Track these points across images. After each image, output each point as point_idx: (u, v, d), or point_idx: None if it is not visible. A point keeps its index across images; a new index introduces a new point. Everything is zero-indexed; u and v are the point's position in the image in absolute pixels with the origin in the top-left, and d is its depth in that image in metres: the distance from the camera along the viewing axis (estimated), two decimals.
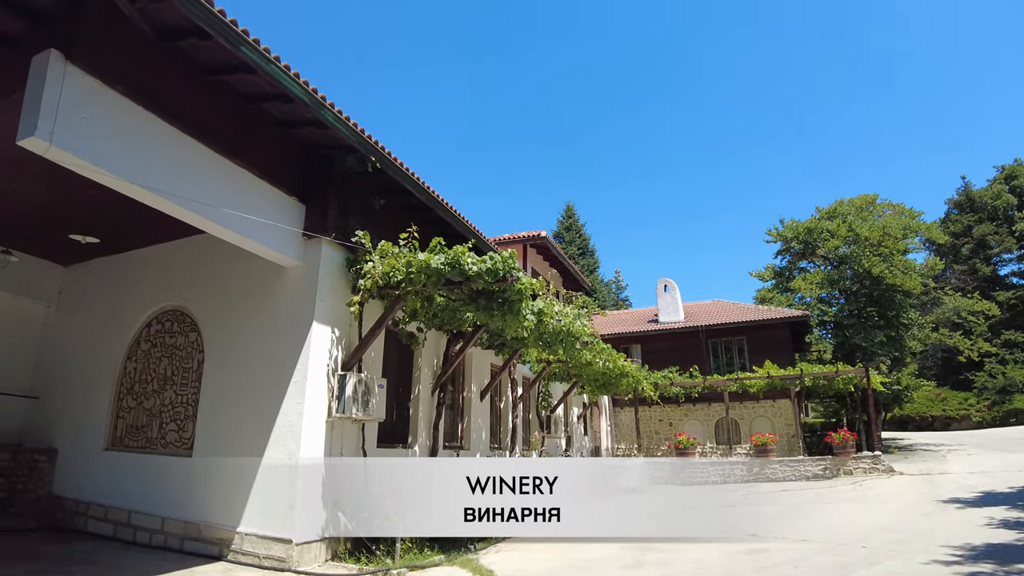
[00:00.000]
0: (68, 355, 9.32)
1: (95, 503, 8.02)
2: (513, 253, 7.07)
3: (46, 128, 4.65)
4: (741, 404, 21.94)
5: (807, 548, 7.21)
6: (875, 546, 7.12)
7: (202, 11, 4.94)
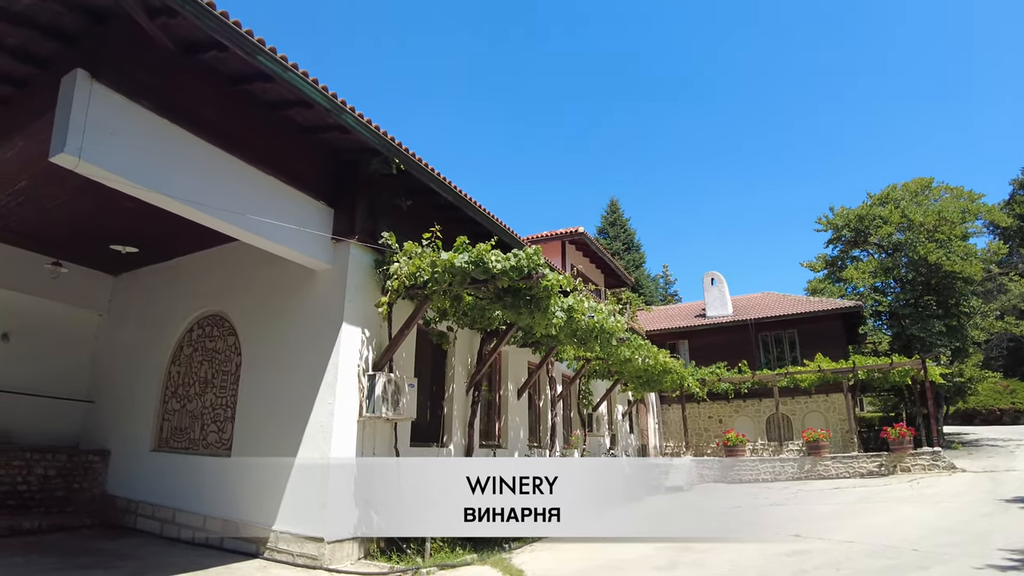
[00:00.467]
0: (119, 361, 9.74)
1: (144, 501, 8.36)
2: (538, 249, 7.00)
3: (75, 144, 4.86)
4: (793, 399, 21.27)
5: (852, 550, 6.91)
6: (927, 548, 6.76)
7: (217, 24, 5.06)
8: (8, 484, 8.08)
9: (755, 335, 22.98)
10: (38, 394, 9.17)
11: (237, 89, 6.28)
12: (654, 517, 11.26)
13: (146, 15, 5.05)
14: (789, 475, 16.41)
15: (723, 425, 21.74)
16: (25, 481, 8.26)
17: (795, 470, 16.42)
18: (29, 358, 9.20)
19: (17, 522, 7.69)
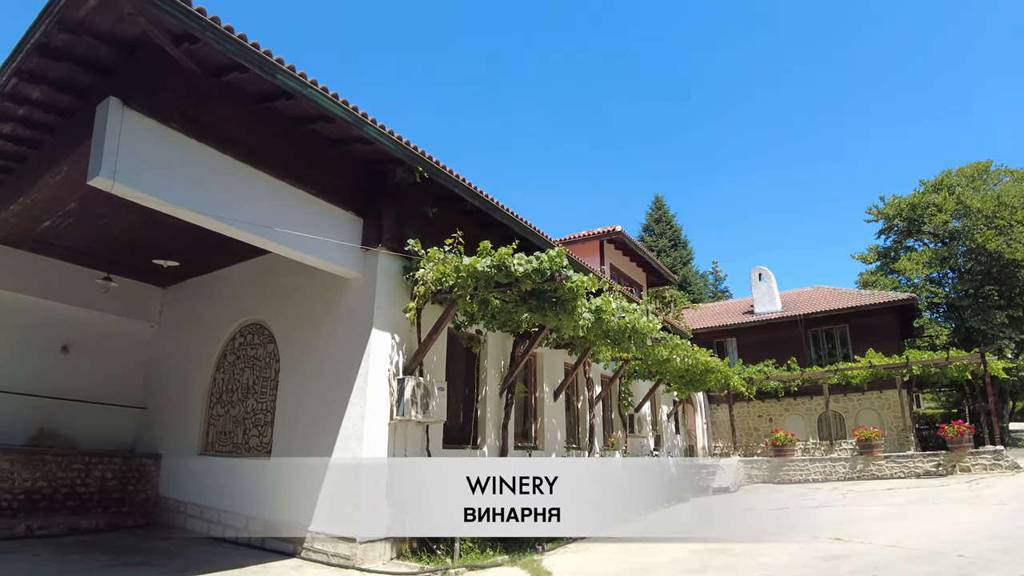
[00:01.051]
0: (168, 369, 10.24)
1: (192, 502, 8.76)
2: (561, 251, 7.03)
3: (109, 167, 5.17)
4: (845, 397, 20.54)
5: (894, 555, 6.65)
6: (973, 555, 6.45)
7: (236, 47, 5.29)
8: (68, 486, 8.61)
9: (805, 331, 22.29)
10: (95, 401, 9.73)
11: (262, 107, 6.53)
12: (693, 518, 11.11)
13: (171, 42, 5.33)
14: (840, 475, 15.88)
15: (773, 424, 21.16)
16: (84, 483, 8.78)
17: (846, 470, 15.87)
18: (87, 368, 9.77)
19: (76, 521, 8.19)
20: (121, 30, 5.21)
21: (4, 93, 5.77)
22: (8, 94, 5.80)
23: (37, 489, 8.27)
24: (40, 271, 8.96)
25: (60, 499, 8.47)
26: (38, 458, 8.39)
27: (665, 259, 40.27)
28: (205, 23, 5.06)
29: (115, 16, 4.98)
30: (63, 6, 4.74)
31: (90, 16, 4.95)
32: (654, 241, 42.19)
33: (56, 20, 4.89)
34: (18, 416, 8.82)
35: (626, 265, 19.34)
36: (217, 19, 5.17)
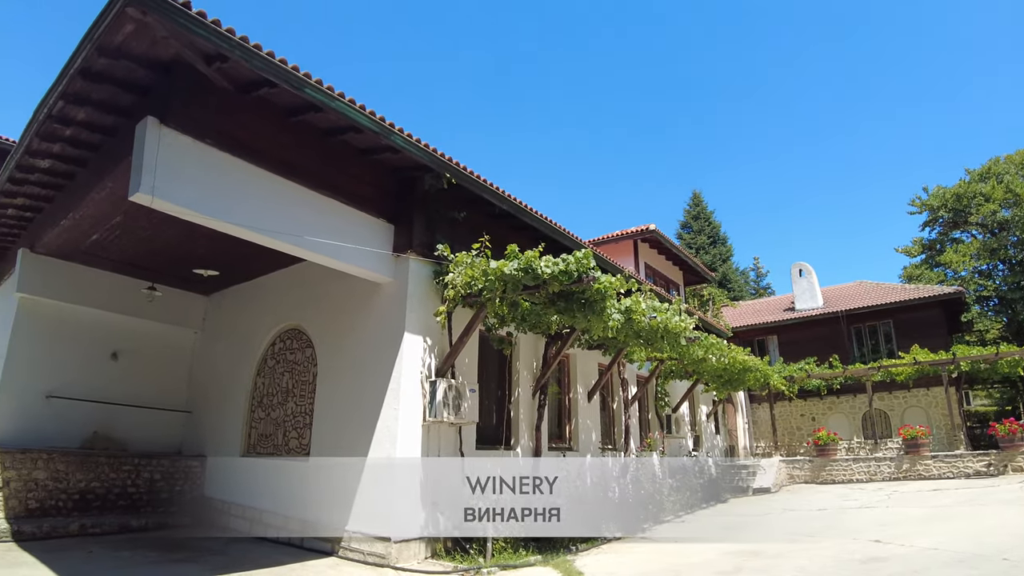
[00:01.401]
0: (212, 374, 10.62)
1: (235, 503, 9.08)
2: (588, 252, 7.05)
3: (148, 183, 5.42)
4: (890, 394, 19.95)
5: (935, 558, 6.45)
6: (1019, 558, 6.22)
7: (264, 63, 5.50)
8: (120, 487, 9.02)
9: (847, 327, 21.70)
10: (144, 406, 10.16)
11: (293, 120, 6.73)
12: (730, 519, 10.97)
13: (204, 62, 5.57)
14: (885, 475, 15.45)
15: (816, 423, 20.67)
16: (134, 484, 9.19)
17: (892, 470, 15.43)
18: (135, 374, 10.21)
19: (127, 520, 8.59)
20: (156, 53, 5.45)
21: (52, 115, 6.08)
22: (56, 116, 6.12)
23: (91, 489, 8.70)
24: (90, 282, 9.40)
25: (112, 499, 8.89)
26: (91, 460, 8.82)
27: (704, 256, 39.67)
28: (234, 42, 5.27)
29: (150, 40, 5.22)
30: (102, 33, 4.99)
31: (127, 41, 5.20)
32: (692, 238, 41.59)
33: (96, 46, 5.15)
34: (74, 420, 9.28)
35: (662, 264, 19.17)
36: (246, 38, 5.37)
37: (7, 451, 8.05)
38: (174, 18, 4.91)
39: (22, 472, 8.09)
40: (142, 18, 4.88)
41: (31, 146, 6.67)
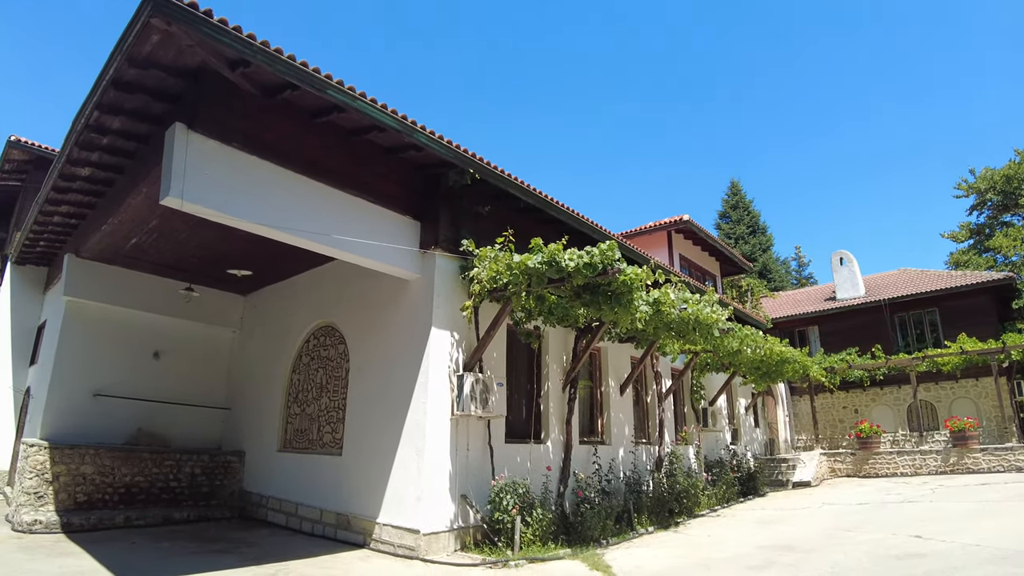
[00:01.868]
0: (250, 371, 10.91)
1: (272, 496, 9.32)
2: (612, 245, 6.99)
3: (178, 188, 5.60)
4: (936, 385, 19.23)
5: (976, 555, 6.22)
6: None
7: (286, 67, 5.61)
8: (162, 481, 9.35)
9: (891, 316, 20.98)
10: (185, 403, 10.51)
11: (318, 121, 6.85)
12: (766, 514, 10.78)
13: (228, 68, 5.71)
14: (932, 469, 14.94)
15: (859, 415, 20.11)
16: (176, 479, 9.51)
17: (938, 463, 14.91)
18: (177, 372, 10.56)
19: (169, 513, 8.90)
20: (183, 61, 5.62)
21: (89, 125, 6.32)
22: (93, 126, 6.35)
23: (135, 484, 9.04)
24: (132, 285, 9.75)
25: (155, 493, 9.22)
26: (135, 456, 9.16)
27: (743, 246, 38.89)
28: (255, 47, 5.39)
29: (176, 49, 5.38)
30: (130, 44, 5.16)
31: (154, 51, 5.37)
32: (731, 228, 40.79)
33: (125, 57, 5.33)
34: (119, 417, 9.66)
35: (697, 255, 18.87)
36: (266, 43, 5.49)
37: (57, 447, 8.43)
38: (197, 26, 5.05)
39: (71, 467, 8.46)
40: (167, 28, 5.04)
41: (71, 155, 6.95)
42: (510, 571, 6.38)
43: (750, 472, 13.62)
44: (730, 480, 12.36)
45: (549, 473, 8.39)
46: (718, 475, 12.40)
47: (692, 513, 10.61)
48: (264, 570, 6.20)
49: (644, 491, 9.85)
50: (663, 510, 9.87)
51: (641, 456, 11.13)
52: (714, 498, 11.68)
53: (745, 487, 13.40)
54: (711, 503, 11.51)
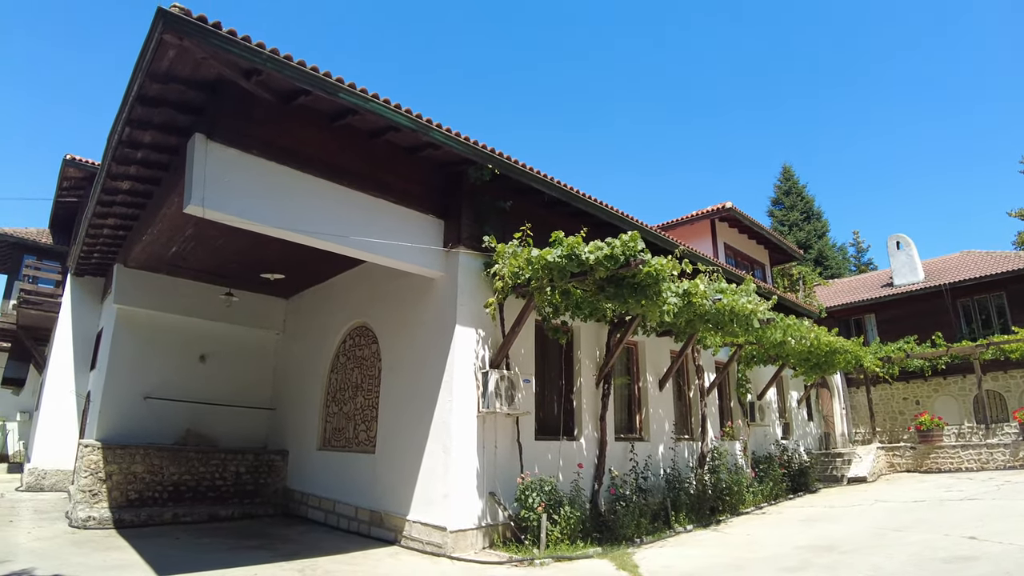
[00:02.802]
0: (292, 372, 11.22)
1: (312, 494, 9.56)
2: (635, 235, 6.84)
3: (199, 196, 5.80)
4: (1005, 374, 17.99)
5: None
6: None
7: (297, 73, 5.74)
8: (208, 480, 9.72)
9: (952, 302, 19.71)
10: (231, 404, 10.89)
11: (336, 125, 6.94)
12: (814, 511, 10.38)
13: (243, 77, 5.86)
14: (999, 464, 14.04)
15: (921, 407, 19.04)
16: (221, 477, 9.87)
17: (1006, 458, 13.99)
18: (223, 375, 10.96)
19: (215, 510, 9.25)
20: (201, 74, 5.79)
21: (123, 140, 6.60)
22: (126, 141, 6.63)
23: (183, 482, 9.43)
24: (176, 291, 10.17)
25: (202, 491, 9.59)
26: (183, 455, 9.55)
27: (798, 233, 37.51)
28: (265, 55, 5.52)
29: (193, 63, 5.56)
30: (149, 60, 5.36)
31: (172, 66, 5.56)
32: (784, 215, 39.39)
33: (147, 73, 5.54)
34: (168, 419, 10.09)
35: (744, 244, 18.30)
36: (276, 50, 5.62)
37: (109, 447, 8.87)
38: (208, 39, 5.20)
39: (123, 466, 8.89)
40: (180, 43, 5.21)
41: (110, 170, 7.27)
42: (535, 569, 6.33)
43: (801, 468, 13.12)
44: (778, 476, 11.93)
45: (581, 470, 8.27)
46: (765, 471, 12.02)
47: (736, 511, 10.33)
48: (293, 565, 6.35)
49: (684, 488, 9.61)
50: (704, 508, 9.63)
51: (683, 452, 10.86)
52: (760, 495, 11.32)
53: (796, 483, 12.93)
54: (757, 500, 11.16)
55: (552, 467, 8.18)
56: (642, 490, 8.92)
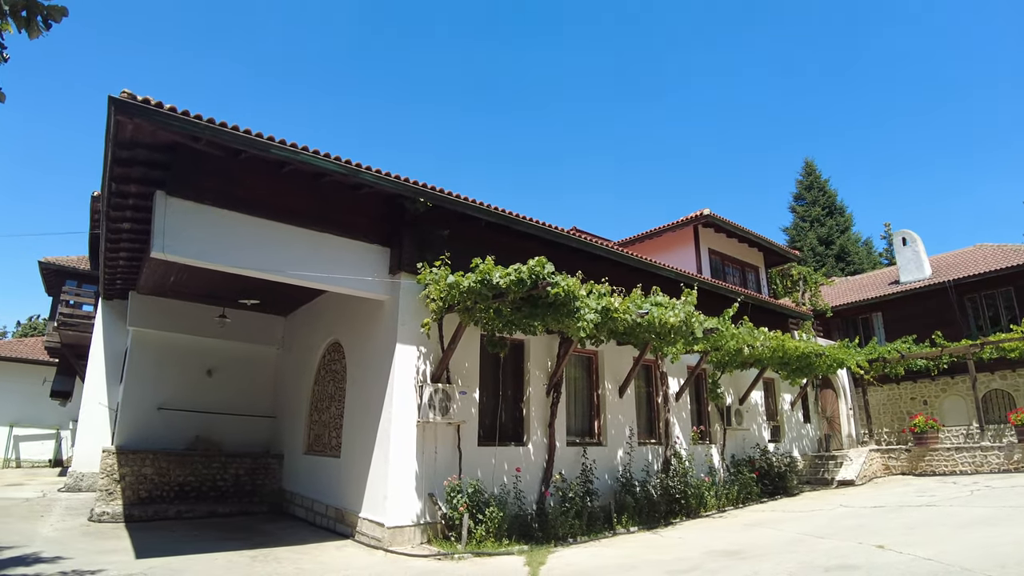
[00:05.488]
0: (287, 383, 12.43)
1: (298, 494, 10.69)
2: (541, 260, 7.57)
3: (159, 244, 6.94)
4: (1014, 372, 17.30)
5: (912, 570, 5.88)
6: (1016, 573, 5.54)
7: (231, 136, 6.82)
8: (210, 481, 11.01)
9: (959, 298, 19.15)
10: (236, 413, 12.19)
11: (284, 170, 7.96)
12: (768, 515, 10.76)
13: (192, 141, 6.96)
14: (994, 467, 13.79)
15: (928, 407, 18.59)
16: (223, 478, 11.14)
17: (1001, 461, 13.73)
18: (228, 386, 12.27)
19: (215, 508, 10.49)
20: (159, 139, 6.90)
21: (112, 192, 7.80)
22: (115, 192, 7.79)
23: (187, 482, 10.74)
24: (183, 313, 11.52)
25: (204, 490, 10.88)
26: (188, 458, 10.87)
27: (819, 229, 36.71)
28: (201, 125, 6.60)
29: (149, 132, 6.67)
30: (113, 133, 6.49)
31: (134, 135, 6.67)
32: (805, 211, 38.55)
33: (114, 143, 6.70)
34: (179, 427, 11.45)
35: (733, 248, 18.41)
36: (212, 120, 6.69)
37: (123, 452, 10.26)
38: (152, 117, 6.32)
39: (134, 468, 10.26)
40: (131, 120, 6.34)
41: (109, 215, 8.51)
42: (452, 563, 7.13)
43: (780, 471, 13.39)
44: (747, 480, 12.29)
45: (519, 474, 9.03)
46: (735, 475, 12.41)
47: (696, 514, 10.72)
48: (252, 552, 7.44)
49: (634, 492, 10.16)
50: (655, 511, 10.07)
51: (647, 457, 11.43)
52: (726, 499, 11.70)
53: (775, 487, 13.19)
54: (721, 504, 11.53)
55: (497, 471, 8.97)
56: (590, 493, 9.55)
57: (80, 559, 6.96)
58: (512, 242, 9.88)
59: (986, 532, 7.80)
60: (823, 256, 36.38)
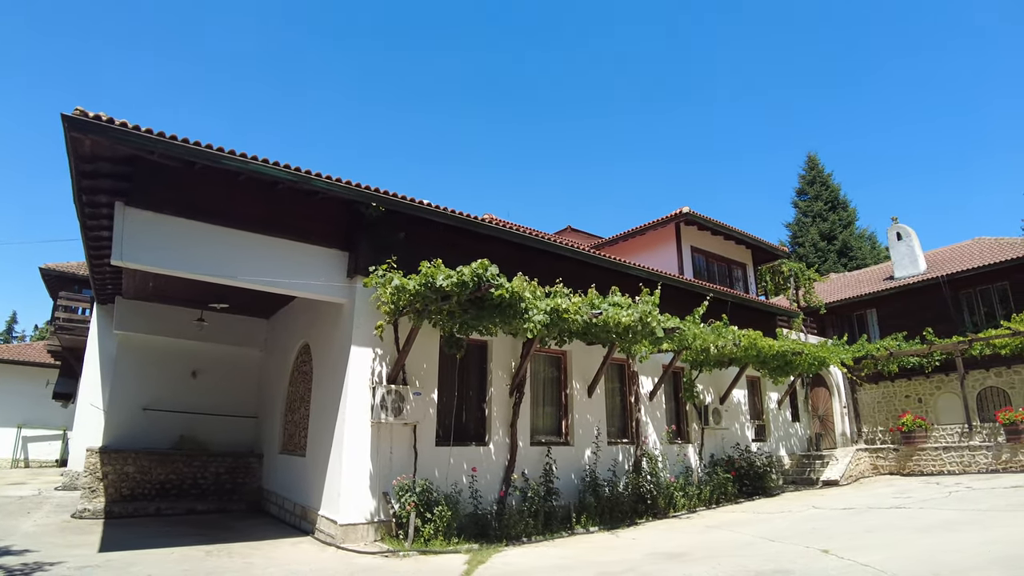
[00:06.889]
0: (267, 384, 12.80)
1: (274, 492, 11.02)
2: (483, 263, 7.76)
3: (118, 252, 7.31)
4: (1009, 369, 16.79)
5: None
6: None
7: (182, 149, 7.12)
8: (191, 480, 11.40)
9: (953, 294, 18.71)
10: (220, 413, 12.58)
11: (241, 179, 8.24)
12: (732, 516, 10.79)
13: (148, 153, 7.28)
14: (981, 467, 13.52)
15: (923, 405, 18.25)
16: (203, 477, 11.54)
17: (988, 461, 13.46)
18: (212, 388, 12.68)
19: (194, 505, 10.88)
20: (118, 153, 7.18)
21: (84, 203, 8.17)
22: (87, 203, 8.17)
23: (168, 481, 11.15)
24: (166, 317, 11.95)
25: (185, 488, 11.28)
26: (169, 458, 11.28)
27: (821, 224, 36.20)
28: (152, 139, 6.90)
29: (108, 145, 6.98)
30: (73, 148, 6.84)
31: (94, 149, 7.00)
32: (808, 205, 38.01)
33: (76, 156, 7.06)
34: (164, 427, 11.88)
35: (718, 245, 18.22)
36: (162, 133, 6.99)
37: (106, 451, 10.69)
38: (105, 132, 6.65)
39: (116, 467, 10.69)
40: (86, 136, 6.69)
41: (87, 223, 8.92)
42: (396, 561, 7.31)
43: (759, 471, 13.37)
44: (721, 480, 12.30)
45: (476, 474, 9.20)
46: (709, 475, 12.45)
47: (664, 515, 10.71)
48: (210, 547, 7.76)
49: (597, 492, 10.27)
50: (618, 511, 10.13)
51: (618, 456, 11.50)
52: (697, 499, 11.70)
53: (753, 487, 13.17)
54: (692, 504, 11.51)
55: (454, 471, 9.14)
56: (552, 493, 9.67)
57: (46, 552, 7.34)
58: (474, 245, 10.00)
59: (941, 538, 7.67)
60: (825, 252, 35.98)
